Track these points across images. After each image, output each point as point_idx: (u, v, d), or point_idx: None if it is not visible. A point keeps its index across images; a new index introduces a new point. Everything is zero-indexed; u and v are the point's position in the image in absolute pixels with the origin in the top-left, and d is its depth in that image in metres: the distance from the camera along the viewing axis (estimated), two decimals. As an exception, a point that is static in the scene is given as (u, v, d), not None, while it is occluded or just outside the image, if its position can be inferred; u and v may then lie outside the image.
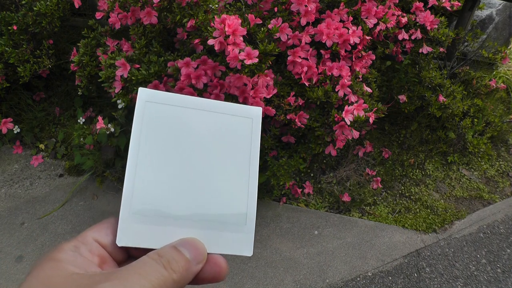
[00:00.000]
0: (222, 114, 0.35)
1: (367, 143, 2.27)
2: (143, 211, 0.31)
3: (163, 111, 0.33)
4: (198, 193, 0.32)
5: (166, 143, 0.33)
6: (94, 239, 0.30)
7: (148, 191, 0.31)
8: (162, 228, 0.31)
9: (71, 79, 2.13)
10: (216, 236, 0.32)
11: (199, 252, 0.30)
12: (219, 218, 0.32)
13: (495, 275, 1.78)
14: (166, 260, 0.28)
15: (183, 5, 1.42)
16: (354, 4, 1.70)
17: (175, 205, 0.32)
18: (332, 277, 1.74)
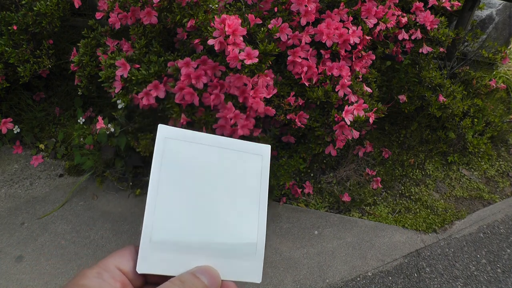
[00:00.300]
0: (235, 151, 0.38)
1: (367, 143, 2.27)
2: (162, 241, 0.33)
3: (180, 147, 0.36)
4: (212, 224, 0.35)
5: (183, 177, 0.35)
6: (115, 266, 0.32)
7: (166, 223, 0.34)
8: (179, 256, 0.33)
9: (71, 79, 2.13)
10: (229, 264, 0.35)
11: (215, 279, 0.33)
12: (232, 248, 0.35)
13: (495, 275, 1.78)
14: (188, 285, 0.31)
15: (183, 5, 1.42)
16: (354, 4, 1.70)
17: (191, 236, 0.34)
18: (332, 277, 1.74)
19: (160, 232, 0.33)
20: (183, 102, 1.50)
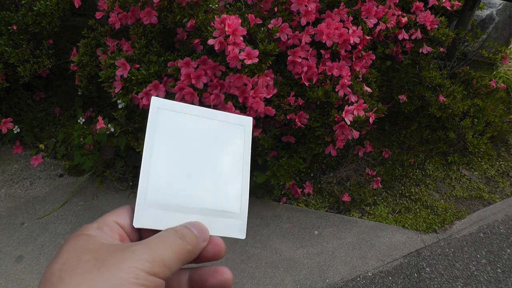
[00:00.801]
0: (221, 121, 0.42)
1: (367, 143, 2.27)
2: (155, 200, 0.37)
3: (172, 117, 0.40)
4: (201, 187, 0.39)
5: (174, 144, 0.39)
6: (114, 221, 0.36)
7: (159, 185, 0.38)
8: (171, 214, 0.37)
9: (71, 79, 2.13)
10: (216, 222, 0.39)
11: (204, 231, 0.37)
12: (218, 207, 0.39)
13: (495, 275, 1.78)
14: (181, 234, 0.34)
15: (183, 5, 1.42)
16: (354, 4, 1.70)
17: (181, 197, 0.38)
18: (332, 277, 1.74)
19: (154, 193, 0.37)
20: (183, 102, 1.50)
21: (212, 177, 0.40)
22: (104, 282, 0.28)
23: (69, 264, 0.30)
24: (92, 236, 0.33)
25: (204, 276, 0.37)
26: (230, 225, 0.39)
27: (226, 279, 0.37)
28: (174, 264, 0.32)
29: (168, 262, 0.32)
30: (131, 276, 0.29)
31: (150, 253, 0.31)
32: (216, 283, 0.37)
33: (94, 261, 0.30)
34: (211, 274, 0.37)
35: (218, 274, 0.37)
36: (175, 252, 0.33)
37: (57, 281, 0.29)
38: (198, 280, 0.38)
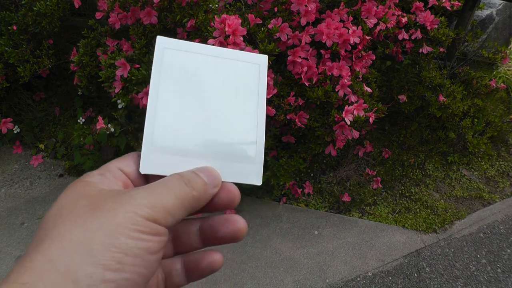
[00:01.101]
0: (234, 60, 0.38)
1: (367, 143, 2.27)
2: (163, 145, 0.35)
3: (179, 57, 0.37)
4: (212, 130, 0.36)
5: (182, 85, 0.36)
6: (118, 167, 0.33)
7: (167, 128, 0.35)
8: (180, 159, 0.35)
9: (71, 79, 2.13)
10: (229, 167, 0.36)
11: (215, 177, 0.34)
12: (232, 152, 0.36)
13: (495, 275, 1.78)
14: (187, 179, 0.32)
15: (183, 5, 1.42)
16: (354, 4, 1.70)
17: (191, 140, 0.35)
18: (332, 277, 1.74)
19: (161, 137, 0.34)
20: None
21: (225, 119, 0.36)
22: (98, 227, 0.26)
23: (65, 209, 0.28)
24: (92, 182, 0.31)
25: (216, 225, 0.35)
26: (245, 170, 0.36)
27: (238, 228, 0.34)
28: (177, 211, 0.30)
29: (170, 209, 0.29)
30: (128, 221, 0.27)
31: (150, 198, 0.29)
32: (228, 233, 0.34)
33: (90, 206, 0.28)
34: (223, 223, 0.34)
35: (230, 224, 0.34)
36: (178, 198, 0.30)
37: (51, 227, 0.27)
38: (209, 230, 0.35)
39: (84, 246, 0.25)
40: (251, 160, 0.37)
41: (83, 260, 0.25)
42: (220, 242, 0.35)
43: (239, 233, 0.34)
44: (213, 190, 0.33)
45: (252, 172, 0.37)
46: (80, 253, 0.25)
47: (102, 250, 0.25)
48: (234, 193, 0.35)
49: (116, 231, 0.26)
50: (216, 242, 0.35)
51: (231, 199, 0.34)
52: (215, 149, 0.36)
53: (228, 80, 0.38)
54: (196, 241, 0.36)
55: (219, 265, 0.35)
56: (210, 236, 0.35)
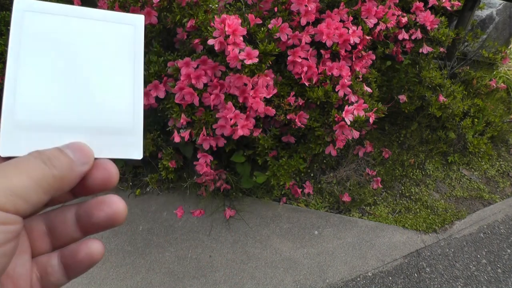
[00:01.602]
0: (105, 22, 0.34)
1: (367, 143, 2.27)
2: (27, 120, 0.30)
3: (42, 21, 0.32)
4: (84, 102, 0.32)
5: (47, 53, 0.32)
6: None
7: (31, 102, 0.31)
8: (48, 135, 0.30)
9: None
10: (103, 141, 0.32)
11: (84, 153, 0.29)
12: (106, 124, 0.32)
13: (495, 275, 1.78)
14: (46, 156, 0.27)
15: (183, 5, 1.42)
16: (354, 4, 1.70)
17: (60, 114, 0.31)
18: (332, 277, 1.74)
19: (24, 111, 0.30)
20: (183, 102, 1.50)
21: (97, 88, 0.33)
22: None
23: None
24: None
25: (90, 210, 0.30)
26: (122, 143, 0.32)
27: (114, 211, 0.29)
28: (34, 194, 0.25)
29: (22, 192, 0.25)
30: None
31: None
32: (104, 217, 0.29)
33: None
34: (97, 206, 0.29)
35: (105, 206, 0.29)
36: (34, 180, 0.26)
37: None
38: (85, 216, 0.30)
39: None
40: (129, 132, 0.33)
41: None
42: (98, 229, 0.30)
43: (116, 216, 0.29)
44: (82, 168, 0.29)
45: (130, 145, 0.33)
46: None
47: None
48: (110, 171, 0.30)
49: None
50: (94, 229, 0.30)
51: (106, 178, 0.30)
52: (87, 122, 0.32)
53: (99, 44, 0.34)
54: (74, 230, 0.31)
55: (98, 255, 0.30)
56: (86, 223, 0.30)
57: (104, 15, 0.34)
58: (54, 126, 0.31)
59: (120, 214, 0.29)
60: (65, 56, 0.32)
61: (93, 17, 0.34)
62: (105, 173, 0.30)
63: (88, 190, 0.30)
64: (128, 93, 0.34)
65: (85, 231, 0.31)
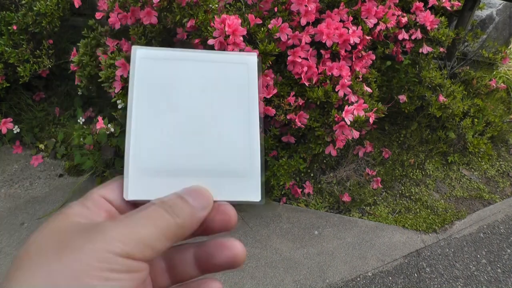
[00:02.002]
0: (217, 63, 0.35)
1: (367, 143, 2.27)
2: (148, 167, 0.31)
3: (159, 68, 0.33)
4: (201, 145, 0.32)
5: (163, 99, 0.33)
6: (100, 195, 0.30)
7: (152, 148, 0.32)
8: (168, 181, 0.31)
9: (71, 79, 2.13)
10: (222, 184, 0.32)
11: (204, 198, 0.30)
12: (224, 167, 0.32)
13: (495, 275, 1.78)
14: (168, 205, 0.28)
15: (183, 5, 1.42)
16: (354, 4, 1.70)
17: (178, 158, 0.32)
18: (332, 277, 1.74)
19: (146, 158, 0.31)
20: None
21: (214, 130, 0.33)
22: (62, 270, 0.23)
23: (32, 249, 0.26)
24: (70, 214, 0.28)
25: (210, 251, 0.31)
26: (240, 186, 0.32)
27: (235, 254, 0.30)
28: (158, 242, 0.27)
29: (149, 241, 0.26)
30: (95, 259, 0.24)
31: (123, 231, 0.25)
32: (224, 260, 0.30)
33: (58, 245, 0.25)
34: (218, 248, 0.31)
35: (225, 249, 0.30)
36: (159, 228, 0.27)
37: (13, 270, 0.24)
38: (204, 257, 0.31)
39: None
40: (246, 174, 0.32)
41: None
42: (217, 269, 0.32)
43: (236, 259, 0.30)
44: (202, 213, 0.29)
45: (248, 188, 0.32)
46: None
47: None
48: (229, 214, 0.31)
49: (82, 272, 0.23)
50: (212, 269, 0.32)
51: (226, 221, 0.31)
52: (206, 165, 0.32)
53: (214, 86, 0.34)
54: (192, 269, 0.32)
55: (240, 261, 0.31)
56: (206, 263, 0.32)
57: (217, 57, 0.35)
58: (175, 171, 0.31)
59: (240, 258, 0.31)
60: (182, 99, 0.33)
61: (206, 59, 0.34)
62: (225, 217, 0.31)
63: (207, 231, 0.31)
64: (244, 134, 0.33)
65: (203, 270, 0.32)
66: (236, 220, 0.31)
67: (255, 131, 0.34)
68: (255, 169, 0.33)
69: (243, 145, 0.33)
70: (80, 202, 0.29)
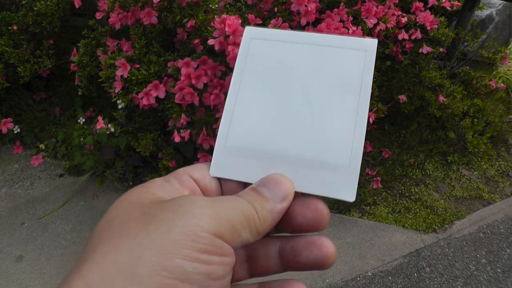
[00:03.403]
0: (331, 47, 0.32)
1: (367, 143, 2.27)
2: (238, 146, 0.30)
3: (267, 48, 0.32)
4: (298, 131, 0.30)
5: (268, 80, 0.31)
6: (186, 173, 0.28)
7: (245, 128, 0.30)
8: (256, 163, 0.29)
9: (71, 79, 2.13)
10: (314, 176, 0.29)
11: (282, 188, 0.27)
12: (319, 157, 0.29)
13: (495, 275, 1.78)
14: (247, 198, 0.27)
15: (183, 5, 1.42)
16: (354, 4, 1.70)
17: (271, 142, 0.30)
18: (332, 277, 1.74)
19: (237, 138, 0.30)
20: (183, 102, 1.50)
21: (315, 118, 0.30)
22: (150, 244, 0.21)
23: (113, 222, 0.24)
24: (151, 188, 0.26)
25: (298, 248, 0.28)
26: (334, 181, 0.29)
27: (324, 254, 0.27)
28: (244, 231, 0.24)
29: (237, 226, 0.24)
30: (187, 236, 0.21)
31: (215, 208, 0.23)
32: (312, 259, 0.28)
33: (143, 218, 0.23)
34: (306, 246, 0.28)
35: (314, 247, 0.28)
36: (245, 216, 0.24)
37: (95, 244, 0.22)
38: (290, 253, 0.29)
39: (130, 269, 0.20)
40: (344, 169, 0.29)
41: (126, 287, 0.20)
42: (303, 268, 0.29)
43: (325, 260, 0.27)
44: (281, 205, 0.27)
45: (344, 184, 0.29)
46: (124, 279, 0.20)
47: (151, 274, 0.20)
48: (321, 212, 0.28)
49: (171, 249, 0.21)
50: (297, 267, 0.29)
51: (316, 219, 0.28)
52: (300, 153, 0.29)
53: (324, 72, 0.31)
54: (275, 263, 0.31)
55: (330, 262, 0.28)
56: (291, 260, 0.29)
57: (332, 40, 0.32)
58: (263, 153, 0.30)
59: (330, 259, 0.28)
60: (286, 82, 0.31)
61: (320, 43, 0.32)
62: (316, 214, 0.28)
63: (294, 229, 0.28)
64: (349, 126, 0.30)
65: (286, 267, 0.30)
66: (328, 220, 0.28)
67: (362, 124, 0.30)
68: (355, 165, 0.29)
69: (346, 137, 0.30)
70: (164, 179, 0.27)
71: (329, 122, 0.30)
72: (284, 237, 0.30)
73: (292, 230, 0.29)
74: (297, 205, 0.28)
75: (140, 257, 0.21)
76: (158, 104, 1.57)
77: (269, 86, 0.31)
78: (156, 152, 1.80)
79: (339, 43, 0.32)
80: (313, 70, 0.32)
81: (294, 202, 0.28)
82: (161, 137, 1.78)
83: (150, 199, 0.25)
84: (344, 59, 0.32)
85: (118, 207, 0.25)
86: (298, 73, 0.31)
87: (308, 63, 0.32)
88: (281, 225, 0.28)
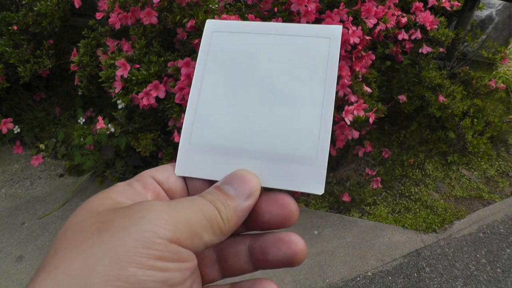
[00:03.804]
0: (295, 36, 0.31)
1: (367, 143, 2.28)
2: (203, 143, 0.29)
3: (230, 40, 0.31)
4: (263, 124, 0.29)
5: (230, 73, 0.31)
6: (150, 175, 0.27)
7: (210, 124, 0.30)
8: (222, 159, 0.29)
9: (71, 79, 2.13)
10: (281, 170, 0.28)
11: (248, 184, 0.26)
12: (285, 150, 0.29)
13: (495, 275, 1.78)
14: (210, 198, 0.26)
15: (183, 5, 1.43)
16: (354, 4, 1.70)
17: (237, 137, 0.29)
18: (332, 277, 1.74)
19: (201, 134, 0.29)
20: (183, 102, 1.50)
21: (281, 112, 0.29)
22: (103, 253, 0.20)
23: (69, 232, 0.23)
24: (112, 193, 0.25)
25: (267, 246, 0.28)
26: (302, 174, 0.28)
27: (293, 251, 0.27)
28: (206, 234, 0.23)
29: (198, 228, 0.23)
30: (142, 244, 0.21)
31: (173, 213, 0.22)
32: (281, 257, 0.27)
33: (98, 226, 0.22)
34: (274, 243, 0.27)
35: (283, 244, 0.27)
36: (207, 217, 0.24)
37: (51, 255, 0.22)
38: (259, 252, 0.28)
39: (82, 280, 0.20)
40: (311, 161, 0.29)
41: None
42: (273, 266, 0.28)
43: (295, 256, 0.27)
44: (247, 203, 0.26)
45: (311, 177, 0.28)
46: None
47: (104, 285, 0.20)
48: (290, 208, 0.27)
49: (124, 257, 0.20)
50: (267, 265, 0.29)
51: (285, 216, 0.27)
52: (266, 146, 0.29)
53: (288, 62, 0.30)
54: (245, 263, 0.30)
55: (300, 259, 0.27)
56: (260, 258, 0.29)
57: (295, 29, 0.31)
58: (229, 149, 0.29)
59: (299, 255, 0.27)
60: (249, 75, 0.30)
61: (283, 32, 0.31)
62: (284, 211, 0.27)
63: (263, 226, 0.28)
64: (315, 117, 0.29)
65: (257, 266, 0.30)
66: (297, 216, 0.27)
67: (329, 114, 0.29)
68: (322, 157, 0.29)
69: (312, 129, 0.29)
70: (126, 182, 0.27)
71: (295, 114, 0.29)
72: (253, 235, 0.29)
73: (261, 227, 0.28)
74: (264, 202, 0.27)
75: (93, 267, 0.20)
76: (158, 104, 1.57)
77: (232, 79, 0.30)
78: (156, 152, 1.80)
79: (303, 32, 0.31)
80: (278, 61, 0.31)
81: (261, 199, 0.27)
82: (161, 137, 1.78)
83: (107, 206, 0.24)
84: (308, 47, 0.31)
85: (76, 216, 0.25)
86: (262, 64, 0.31)
87: (272, 54, 0.31)
88: (249, 222, 0.28)
